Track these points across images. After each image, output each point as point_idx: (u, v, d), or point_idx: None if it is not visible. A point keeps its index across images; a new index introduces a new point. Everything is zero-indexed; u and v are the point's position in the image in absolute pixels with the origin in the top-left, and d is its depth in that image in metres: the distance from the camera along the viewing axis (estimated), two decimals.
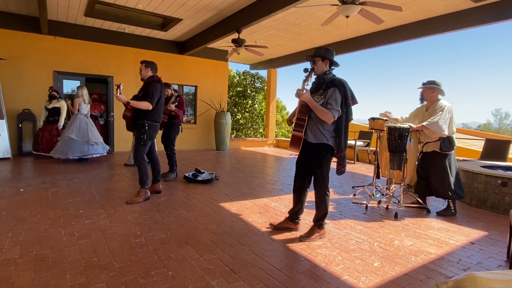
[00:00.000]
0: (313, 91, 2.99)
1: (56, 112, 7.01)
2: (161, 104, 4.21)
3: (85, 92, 6.71)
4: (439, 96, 3.95)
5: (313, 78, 3.01)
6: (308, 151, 2.98)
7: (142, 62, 4.22)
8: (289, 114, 3.36)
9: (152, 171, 4.40)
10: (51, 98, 7.03)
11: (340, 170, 3.00)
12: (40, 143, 6.89)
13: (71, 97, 6.96)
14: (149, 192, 4.21)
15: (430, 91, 3.95)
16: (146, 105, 3.95)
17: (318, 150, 2.93)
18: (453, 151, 3.93)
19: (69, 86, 8.47)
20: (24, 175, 5.34)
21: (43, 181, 4.93)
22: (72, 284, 2.08)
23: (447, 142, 3.88)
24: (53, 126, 6.97)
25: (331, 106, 2.82)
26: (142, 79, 4.21)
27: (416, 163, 4.29)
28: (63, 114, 7.03)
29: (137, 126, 4.11)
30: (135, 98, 4.14)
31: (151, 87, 4.04)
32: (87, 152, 6.54)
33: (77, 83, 8.44)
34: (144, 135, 4.04)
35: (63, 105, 7.05)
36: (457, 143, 4.09)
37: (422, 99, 4.11)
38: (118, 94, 3.93)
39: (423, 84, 4.01)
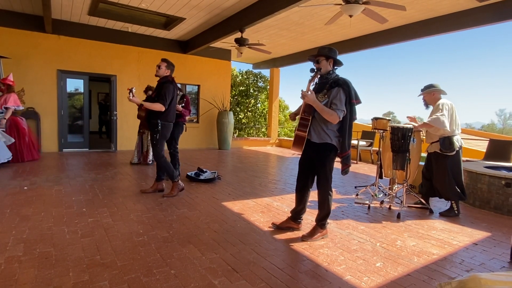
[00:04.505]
0: (317, 91, 2.98)
1: None
2: (174, 104, 4.25)
3: None
4: (441, 96, 3.93)
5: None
6: (311, 151, 2.97)
7: (164, 61, 4.18)
8: (295, 110, 3.33)
9: (157, 169, 4.46)
10: None
11: (345, 170, 2.99)
12: None
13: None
14: (181, 183, 4.38)
15: (430, 95, 3.96)
16: (159, 107, 4.03)
17: (322, 150, 2.92)
18: (454, 153, 3.83)
19: (72, 85, 8.50)
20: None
21: (47, 179, 4.96)
22: (75, 282, 2.09)
23: (447, 143, 3.81)
24: None
25: (336, 106, 2.81)
26: (156, 76, 4.21)
27: (420, 163, 4.27)
28: None
29: (151, 126, 4.19)
30: (149, 99, 4.26)
31: (164, 88, 4.08)
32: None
33: (81, 82, 8.48)
34: (156, 135, 4.13)
35: None
36: (462, 144, 4.02)
37: (426, 105, 4.06)
38: (131, 97, 4.05)
39: (421, 90, 4.02)
